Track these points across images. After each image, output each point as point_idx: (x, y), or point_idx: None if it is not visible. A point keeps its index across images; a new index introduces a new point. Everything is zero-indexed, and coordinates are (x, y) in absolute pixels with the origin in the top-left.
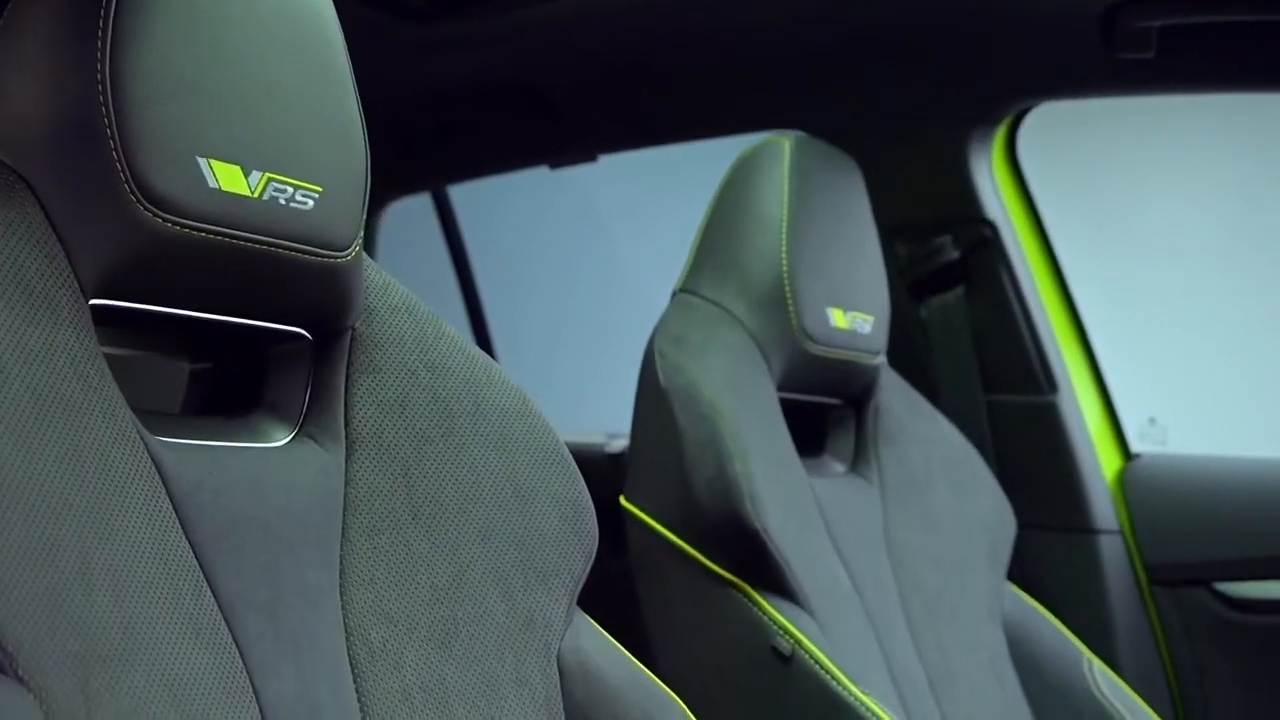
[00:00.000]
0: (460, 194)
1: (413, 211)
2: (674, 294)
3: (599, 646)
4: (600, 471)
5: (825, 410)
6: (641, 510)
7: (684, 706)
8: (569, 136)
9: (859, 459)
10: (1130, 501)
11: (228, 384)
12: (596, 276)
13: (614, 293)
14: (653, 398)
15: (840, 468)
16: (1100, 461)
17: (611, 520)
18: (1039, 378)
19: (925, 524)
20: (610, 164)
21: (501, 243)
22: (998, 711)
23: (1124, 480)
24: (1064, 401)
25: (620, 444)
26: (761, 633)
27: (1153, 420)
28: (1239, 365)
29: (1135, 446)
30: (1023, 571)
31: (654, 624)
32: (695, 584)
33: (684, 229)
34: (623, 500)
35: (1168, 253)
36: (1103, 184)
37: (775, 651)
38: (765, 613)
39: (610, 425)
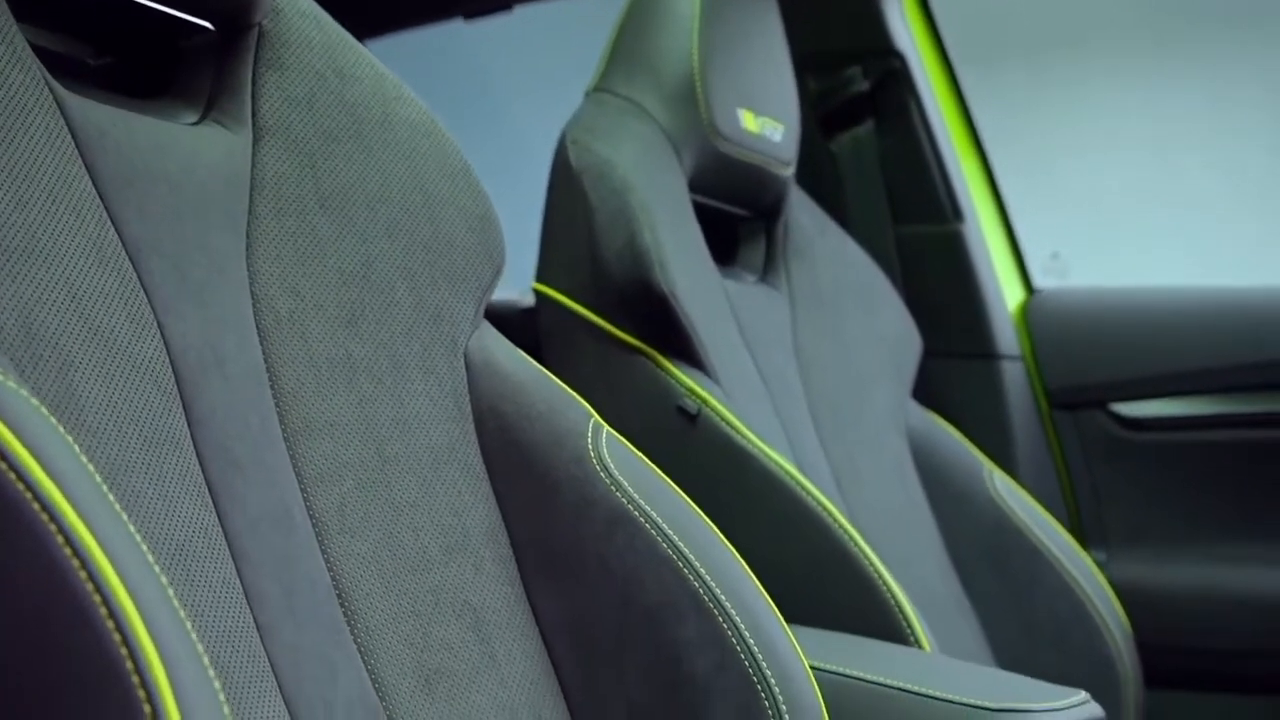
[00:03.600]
0: None
1: None
2: (587, 93)
3: (505, 349)
4: (516, 325)
5: (736, 223)
6: (552, 289)
7: (585, 404)
8: None
9: (769, 270)
10: (1032, 331)
11: (134, 72)
12: (489, 147)
13: (506, 160)
14: (564, 180)
15: (751, 277)
16: (1004, 292)
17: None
18: (945, 207)
19: (832, 335)
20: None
21: None
22: (901, 512)
23: (1026, 312)
24: (969, 231)
25: (531, 300)
26: (668, 395)
27: (1055, 255)
28: (1140, 201)
29: (1038, 282)
30: (928, 397)
31: None
32: (605, 354)
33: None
34: (534, 285)
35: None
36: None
37: (681, 411)
38: (672, 376)
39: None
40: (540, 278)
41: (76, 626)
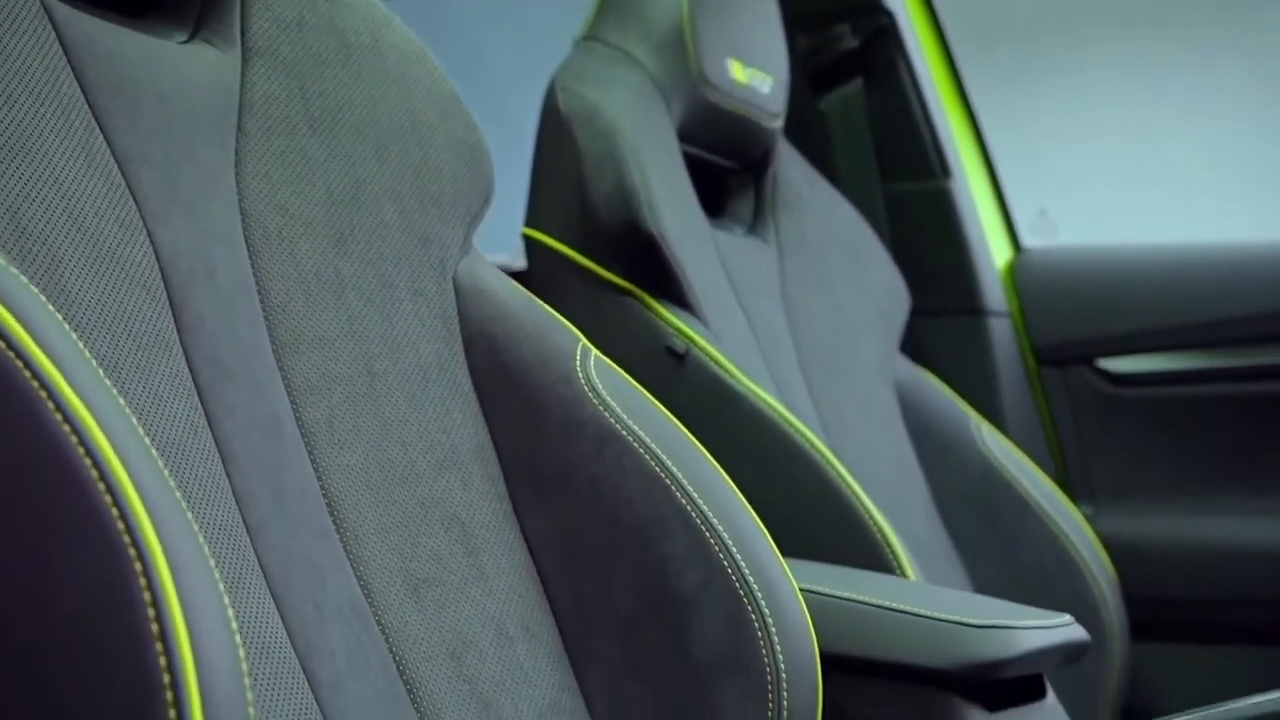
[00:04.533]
0: None
1: None
2: (576, 42)
3: (494, 275)
4: None
5: (725, 175)
6: (542, 233)
7: (574, 330)
8: None
9: (757, 223)
10: (1019, 289)
11: None
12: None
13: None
14: (553, 126)
15: (739, 229)
16: (992, 250)
17: None
18: (933, 164)
19: (821, 288)
20: None
21: None
22: (889, 462)
23: (1014, 270)
24: (957, 187)
25: (522, 263)
26: (657, 335)
27: (1043, 212)
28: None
29: (1025, 241)
30: (916, 354)
31: None
32: (594, 297)
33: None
34: (524, 230)
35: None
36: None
37: (670, 352)
38: (660, 317)
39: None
40: (530, 223)
41: (69, 490)
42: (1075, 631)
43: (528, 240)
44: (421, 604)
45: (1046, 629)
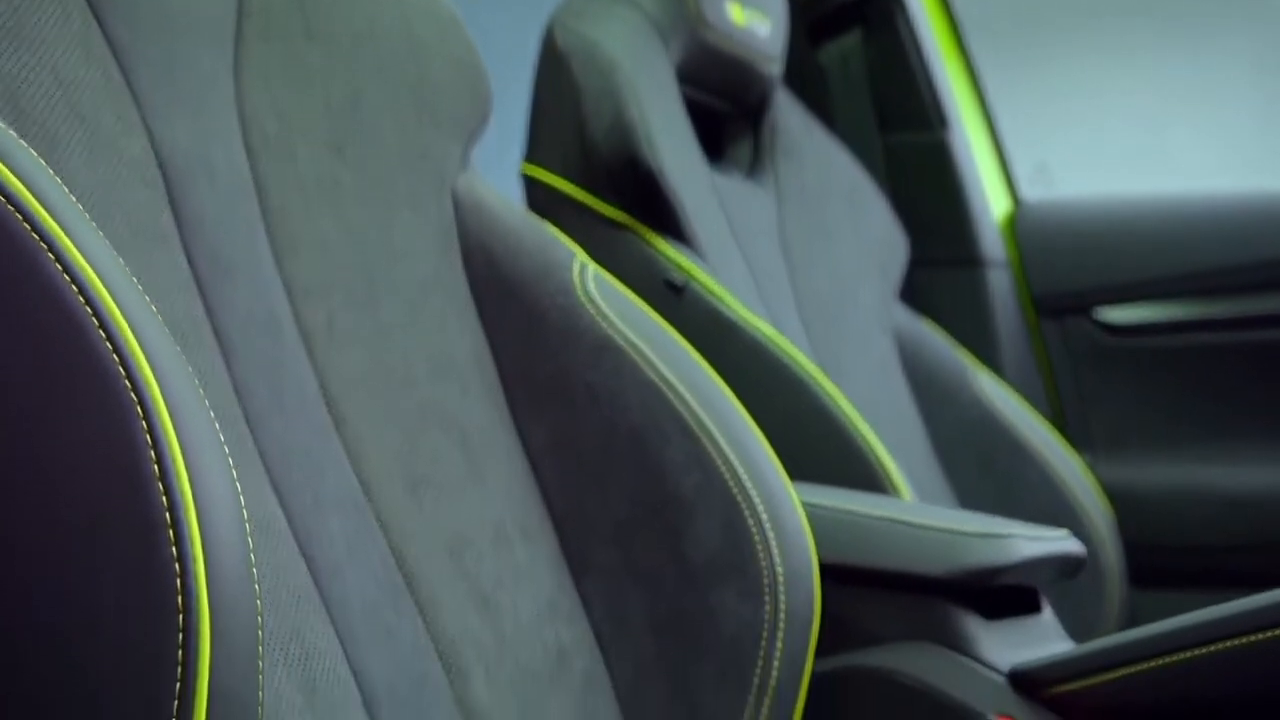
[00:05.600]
0: None
1: None
2: None
3: (493, 192)
4: None
5: (724, 121)
6: (541, 170)
7: (571, 243)
8: None
9: (755, 169)
10: (1018, 240)
11: None
12: None
13: None
14: (551, 63)
15: (738, 174)
16: (990, 201)
17: None
18: (931, 115)
19: (819, 234)
20: None
21: None
22: (886, 407)
23: (1012, 222)
24: (955, 138)
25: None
26: (655, 269)
27: (1041, 167)
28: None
29: (1024, 193)
30: (915, 305)
31: None
32: (592, 232)
33: None
34: (523, 168)
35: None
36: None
37: (669, 284)
38: (659, 250)
39: None
40: (529, 159)
41: (69, 337)
42: (1071, 544)
43: (527, 179)
44: (420, 502)
45: (1042, 539)
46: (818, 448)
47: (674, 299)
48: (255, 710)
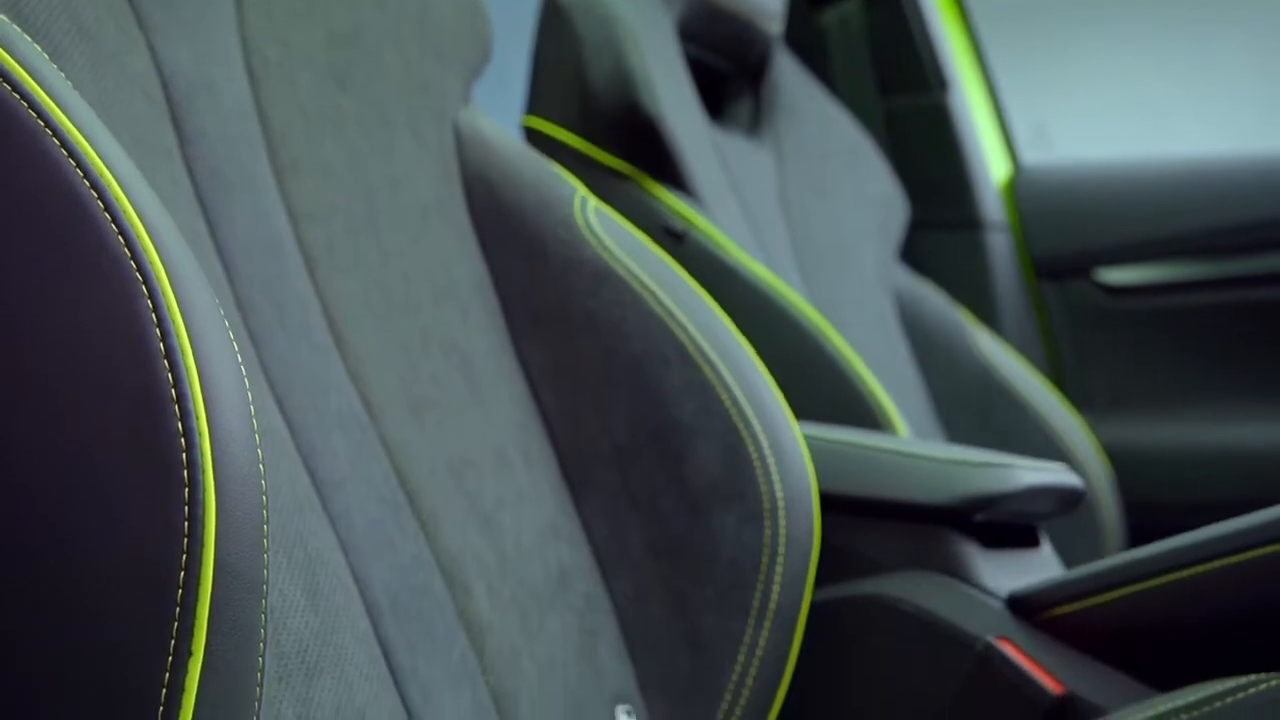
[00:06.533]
0: None
1: None
2: None
3: (494, 127)
4: None
5: (724, 80)
6: (542, 121)
7: (573, 178)
8: None
9: (756, 127)
10: (1017, 203)
11: None
12: None
13: None
14: (552, 17)
15: (738, 133)
16: (990, 164)
17: None
18: (931, 77)
19: (819, 193)
20: None
21: None
22: (886, 364)
23: (1012, 185)
24: (955, 100)
25: None
26: (655, 216)
27: (1040, 128)
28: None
29: (1024, 157)
30: (914, 267)
31: None
32: (593, 181)
33: None
34: (524, 120)
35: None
36: None
37: (669, 232)
38: (659, 199)
39: None
40: (530, 112)
41: (74, 221)
42: (1069, 476)
43: (528, 130)
44: (422, 423)
45: (1041, 469)
46: (817, 390)
47: (674, 246)
48: (260, 588)
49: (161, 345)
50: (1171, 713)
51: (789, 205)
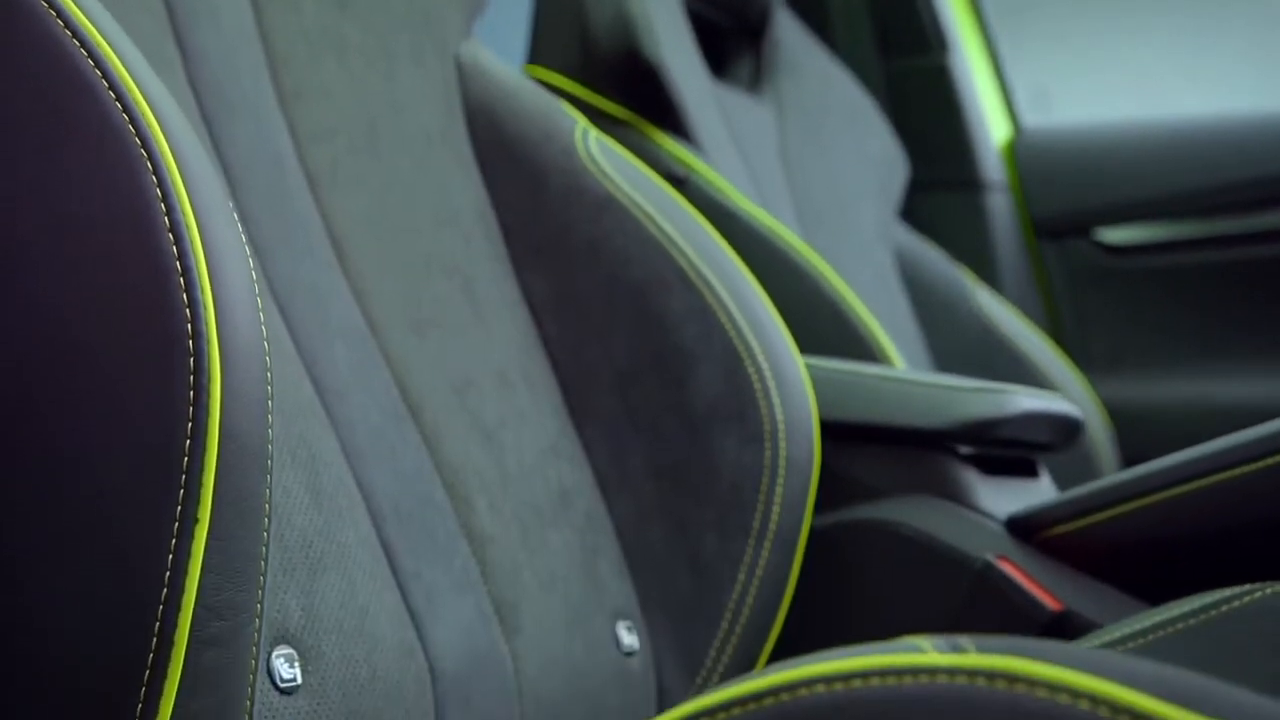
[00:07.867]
0: None
1: None
2: None
3: (495, 60)
4: None
5: (725, 37)
6: (542, 69)
7: (574, 111)
8: None
9: (757, 84)
10: (1018, 163)
11: None
12: None
13: None
14: None
15: (739, 89)
16: (990, 124)
17: None
18: (932, 39)
19: (820, 150)
20: None
21: None
22: (886, 318)
23: (1012, 147)
24: (956, 61)
25: None
26: (656, 162)
27: (1041, 90)
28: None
29: (1024, 120)
30: (915, 227)
31: None
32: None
33: None
34: (525, 69)
35: None
36: None
37: (670, 177)
38: (660, 145)
39: None
40: (531, 61)
41: (77, 92)
42: (1066, 405)
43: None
44: (423, 340)
45: (1038, 397)
46: (818, 330)
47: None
48: (266, 461)
49: (166, 219)
50: (1167, 622)
51: (789, 161)
